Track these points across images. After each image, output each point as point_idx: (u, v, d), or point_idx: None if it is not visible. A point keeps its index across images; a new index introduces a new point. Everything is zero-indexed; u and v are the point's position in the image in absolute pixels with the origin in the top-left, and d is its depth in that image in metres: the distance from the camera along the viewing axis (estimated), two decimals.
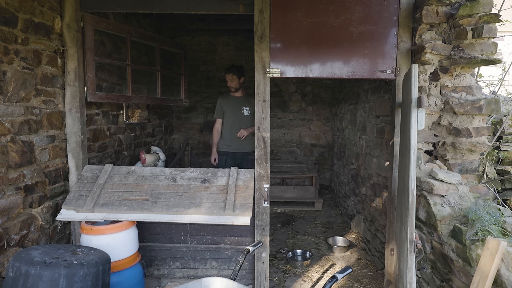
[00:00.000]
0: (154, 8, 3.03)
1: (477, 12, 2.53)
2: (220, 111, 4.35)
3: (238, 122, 4.33)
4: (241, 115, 4.35)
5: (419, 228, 2.67)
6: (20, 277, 2.00)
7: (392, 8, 2.84)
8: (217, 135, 4.38)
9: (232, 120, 4.34)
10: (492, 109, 2.62)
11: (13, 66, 2.46)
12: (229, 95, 4.40)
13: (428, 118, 2.82)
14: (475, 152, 2.69)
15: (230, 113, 4.34)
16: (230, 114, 4.34)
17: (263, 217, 2.98)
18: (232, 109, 4.34)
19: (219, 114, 4.36)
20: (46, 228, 2.83)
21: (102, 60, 3.40)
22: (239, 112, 4.35)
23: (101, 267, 2.20)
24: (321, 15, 2.87)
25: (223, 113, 4.35)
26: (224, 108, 4.33)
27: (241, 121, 4.34)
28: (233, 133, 4.33)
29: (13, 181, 2.49)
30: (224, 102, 4.35)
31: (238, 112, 4.34)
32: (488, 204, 2.32)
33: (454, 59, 2.65)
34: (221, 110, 4.35)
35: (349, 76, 2.91)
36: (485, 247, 1.89)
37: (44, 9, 2.75)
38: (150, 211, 2.71)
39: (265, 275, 3.02)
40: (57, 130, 2.95)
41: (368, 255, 4.02)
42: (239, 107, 4.35)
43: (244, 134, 4.26)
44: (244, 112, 4.34)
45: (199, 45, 6.46)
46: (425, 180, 2.61)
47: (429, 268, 2.57)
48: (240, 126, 4.32)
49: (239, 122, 4.33)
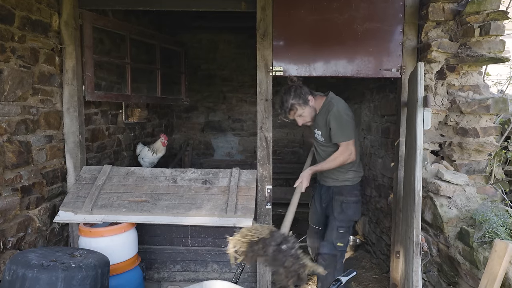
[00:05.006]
0: (153, 5, 2.99)
1: (484, 9, 2.50)
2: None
3: (316, 151, 2.92)
4: (316, 142, 2.86)
5: (425, 230, 2.63)
6: (17, 281, 1.98)
7: (398, 5, 2.81)
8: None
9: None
10: (500, 109, 2.58)
11: (10, 65, 2.42)
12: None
13: (434, 118, 2.78)
14: (483, 153, 2.65)
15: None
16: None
17: (265, 219, 2.95)
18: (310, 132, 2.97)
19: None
20: (43, 230, 2.79)
21: (100, 58, 3.36)
22: (314, 136, 2.87)
23: (100, 270, 2.18)
24: (325, 12, 2.83)
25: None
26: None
27: (317, 149, 2.87)
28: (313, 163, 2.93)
29: (10, 182, 2.45)
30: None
31: (314, 137, 2.89)
32: (496, 205, 2.29)
33: (461, 57, 2.61)
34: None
35: (353, 74, 2.88)
36: (493, 250, 1.86)
37: (41, 6, 2.70)
38: (150, 213, 2.67)
39: (267, 278, 2.99)
40: (55, 130, 2.91)
41: (373, 257, 3.99)
42: (312, 129, 2.87)
43: (301, 185, 2.61)
44: (317, 137, 2.80)
45: (200, 43, 6.40)
46: (431, 181, 2.58)
47: (435, 271, 2.54)
48: (317, 157, 2.89)
49: (316, 152, 2.91)
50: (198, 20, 5.39)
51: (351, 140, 2.63)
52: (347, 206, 2.72)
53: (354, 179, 2.78)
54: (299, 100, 2.63)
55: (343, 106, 2.68)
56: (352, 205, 2.74)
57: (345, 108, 2.69)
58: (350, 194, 2.74)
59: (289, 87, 2.67)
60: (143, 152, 4.20)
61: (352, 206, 2.74)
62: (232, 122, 6.51)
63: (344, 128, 2.62)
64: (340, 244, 2.70)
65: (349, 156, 2.62)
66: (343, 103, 2.72)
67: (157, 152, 4.18)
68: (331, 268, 2.66)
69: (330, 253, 2.69)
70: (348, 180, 2.76)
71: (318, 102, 2.74)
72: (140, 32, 3.92)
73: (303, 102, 2.64)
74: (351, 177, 2.76)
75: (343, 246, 2.74)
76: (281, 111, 2.69)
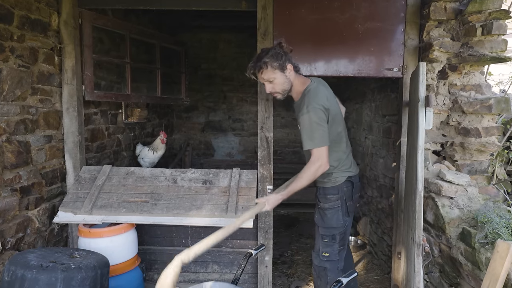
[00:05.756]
0: (153, 4, 2.98)
1: (486, 8, 2.48)
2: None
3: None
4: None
5: (426, 230, 2.62)
6: (16, 281, 1.97)
7: (399, 4, 2.79)
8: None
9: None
10: (502, 108, 2.57)
11: (9, 64, 2.40)
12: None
13: (436, 118, 2.76)
14: (485, 153, 2.64)
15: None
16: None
17: (266, 219, 2.93)
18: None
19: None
20: (42, 231, 2.77)
21: (100, 58, 3.34)
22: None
23: (100, 271, 2.17)
24: (326, 11, 2.82)
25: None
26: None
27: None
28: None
29: (9, 182, 2.43)
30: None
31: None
32: (498, 206, 2.28)
33: (463, 57, 2.60)
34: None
35: (354, 74, 2.87)
36: (495, 250, 1.84)
37: (40, 5, 2.69)
38: (150, 213, 2.66)
39: (268, 279, 2.97)
40: (54, 130, 2.89)
41: (374, 258, 3.97)
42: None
43: (261, 206, 2.28)
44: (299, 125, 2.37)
45: (200, 42, 6.38)
46: (433, 182, 2.56)
47: (437, 272, 2.53)
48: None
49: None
50: (198, 19, 5.38)
51: (323, 146, 2.18)
52: (324, 213, 2.41)
53: (338, 179, 2.38)
54: (274, 62, 2.23)
55: (315, 105, 2.21)
56: (329, 211, 2.39)
57: (316, 108, 2.20)
58: (328, 199, 2.39)
59: (272, 47, 2.34)
60: (143, 152, 4.18)
61: (329, 212, 2.39)
62: (232, 122, 6.49)
63: (313, 132, 2.18)
64: (325, 254, 2.40)
65: (319, 166, 2.18)
66: (315, 100, 2.23)
67: (157, 150, 4.17)
68: (323, 279, 2.40)
69: (319, 265, 2.43)
70: (330, 180, 2.39)
71: (300, 84, 2.36)
72: (140, 31, 3.90)
73: (279, 66, 2.24)
74: (333, 177, 2.37)
75: (329, 256, 2.39)
76: (251, 65, 2.31)
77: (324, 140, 2.19)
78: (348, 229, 2.51)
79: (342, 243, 2.44)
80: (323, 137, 2.19)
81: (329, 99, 2.31)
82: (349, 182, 2.41)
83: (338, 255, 2.42)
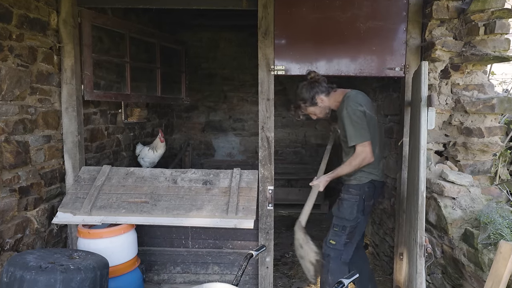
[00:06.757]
0: (154, 3, 2.97)
1: (489, 7, 2.47)
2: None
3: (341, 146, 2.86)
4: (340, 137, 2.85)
5: (429, 231, 2.61)
6: (14, 283, 1.97)
7: (401, 3, 2.78)
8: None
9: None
10: (505, 108, 2.56)
11: (7, 63, 2.39)
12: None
13: (438, 118, 2.75)
14: (487, 153, 2.63)
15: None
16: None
17: (267, 220, 2.92)
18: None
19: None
20: (41, 232, 2.76)
21: (100, 57, 3.33)
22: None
23: (99, 272, 2.16)
24: (327, 10, 2.80)
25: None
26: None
27: (341, 144, 2.82)
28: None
29: (7, 183, 2.42)
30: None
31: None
32: (501, 206, 2.27)
33: (466, 56, 2.58)
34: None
35: (356, 73, 2.85)
36: (498, 251, 1.83)
37: (39, 4, 2.67)
38: (150, 214, 2.64)
39: (269, 280, 2.96)
40: (53, 129, 2.87)
41: (376, 259, 3.95)
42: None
43: (318, 185, 2.73)
44: (339, 132, 2.79)
45: (201, 41, 6.36)
46: (435, 182, 2.55)
47: (439, 273, 2.52)
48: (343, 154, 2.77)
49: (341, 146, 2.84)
50: (199, 18, 5.36)
51: (365, 141, 2.47)
52: (341, 203, 2.62)
53: (362, 178, 2.60)
54: (306, 102, 2.67)
55: (353, 106, 2.50)
56: (346, 202, 2.59)
57: (354, 108, 2.50)
58: (349, 191, 2.61)
59: (303, 85, 2.67)
60: (143, 152, 4.16)
61: (346, 203, 2.59)
62: (233, 122, 6.48)
63: (356, 129, 2.47)
64: (332, 241, 2.61)
65: (363, 159, 2.48)
66: (354, 102, 2.52)
67: (156, 149, 4.15)
68: (325, 267, 2.60)
69: (325, 252, 2.64)
70: (355, 178, 2.62)
71: (338, 97, 2.66)
72: (140, 30, 3.89)
73: (311, 103, 2.66)
74: (358, 175, 2.60)
75: (335, 245, 2.60)
76: (292, 108, 2.81)
77: (364, 135, 2.48)
78: (360, 226, 2.66)
79: (351, 236, 2.62)
80: (363, 134, 2.48)
81: (365, 104, 2.58)
82: (371, 184, 2.62)
83: (344, 247, 2.61)
